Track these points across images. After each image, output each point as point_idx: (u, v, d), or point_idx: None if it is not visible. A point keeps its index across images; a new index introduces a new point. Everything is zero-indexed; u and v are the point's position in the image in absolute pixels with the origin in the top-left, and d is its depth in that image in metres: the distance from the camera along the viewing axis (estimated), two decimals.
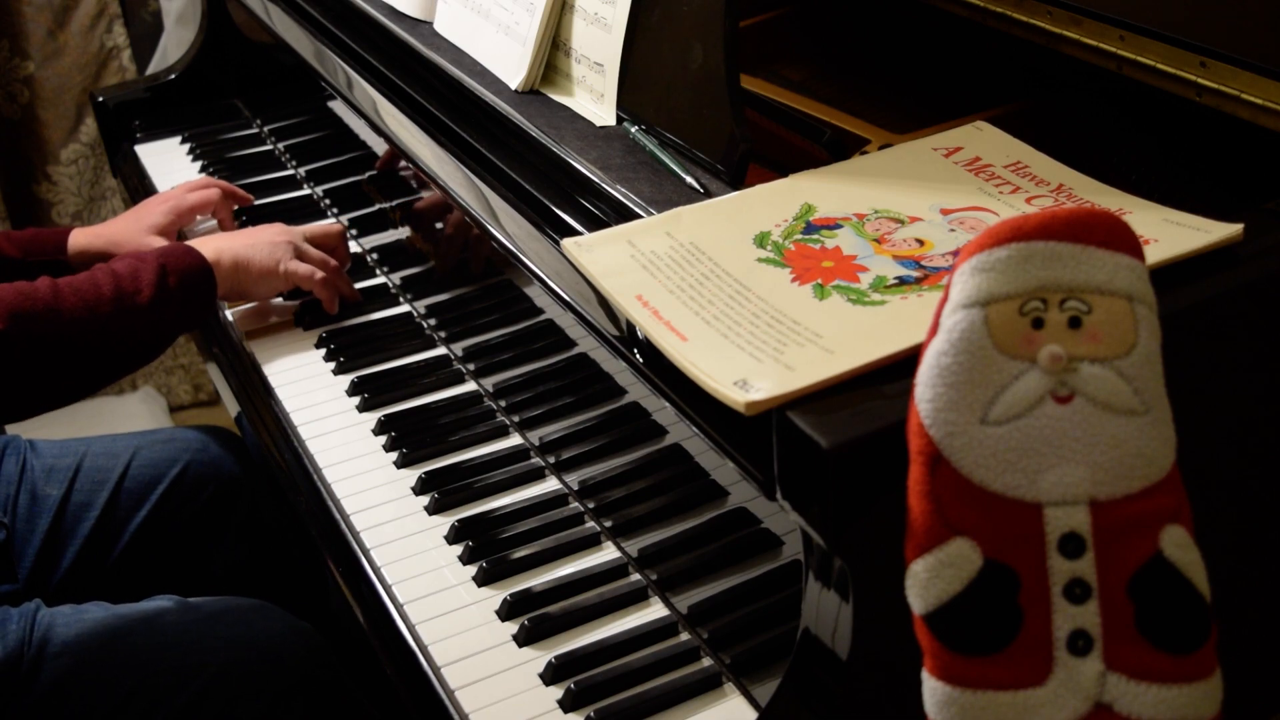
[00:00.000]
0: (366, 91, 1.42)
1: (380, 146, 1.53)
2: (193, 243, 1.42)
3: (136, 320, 1.29)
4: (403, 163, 1.46)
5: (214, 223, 1.72)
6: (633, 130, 1.13)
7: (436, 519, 1.24)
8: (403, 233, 1.54)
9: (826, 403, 0.77)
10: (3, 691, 1.22)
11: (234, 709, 1.25)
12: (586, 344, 1.16)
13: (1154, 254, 0.83)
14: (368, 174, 1.62)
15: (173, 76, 2.06)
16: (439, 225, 1.43)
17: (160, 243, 1.56)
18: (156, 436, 1.61)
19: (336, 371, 1.46)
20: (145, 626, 1.29)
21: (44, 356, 1.25)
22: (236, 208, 1.74)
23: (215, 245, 1.43)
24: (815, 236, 0.94)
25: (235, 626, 1.30)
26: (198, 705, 1.24)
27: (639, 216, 1.01)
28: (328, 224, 1.58)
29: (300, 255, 1.49)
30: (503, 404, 1.35)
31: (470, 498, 1.25)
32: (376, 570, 1.18)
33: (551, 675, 1.05)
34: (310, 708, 1.29)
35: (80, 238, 1.56)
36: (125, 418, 2.61)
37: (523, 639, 1.09)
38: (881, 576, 0.77)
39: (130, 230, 1.58)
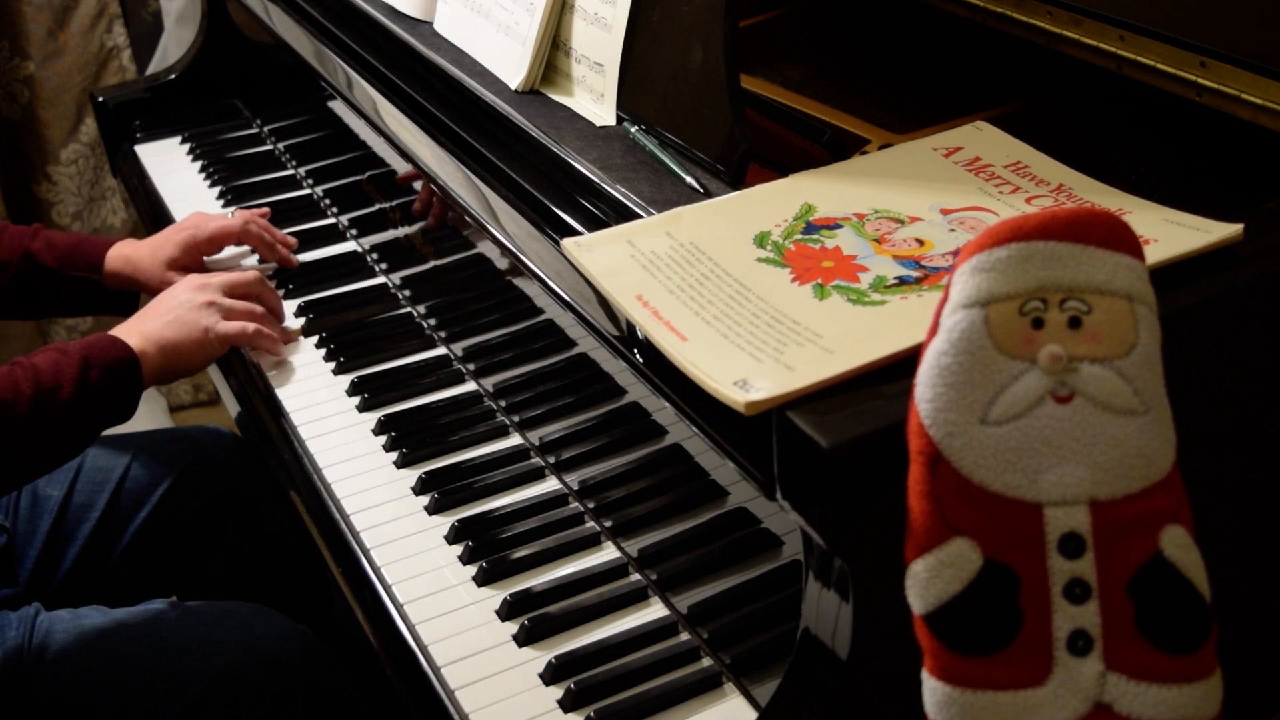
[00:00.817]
0: (366, 91, 1.42)
1: (380, 146, 1.53)
2: (119, 329, 1.35)
3: (57, 417, 1.23)
4: (406, 169, 1.46)
5: (250, 256, 1.66)
6: (633, 130, 1.13)
7: (436, 519, 1.24)
8: (402, 233, 1.54)
9: (826, 403, 0.77)
10: (2, 696, 1.22)
11: (234, 713, 1.25)
12: (586, 344, 1.16)
13: (1154, 254, 0.83)
14: (368, 174, 1.62)
15: (173, 76, 2.06)
16: (436, 224, 1.43)
17: (178, 278, 1.53)
18: (157, 437, 1.61)
19: (336, 371, 1.46)
20: (144, 631, 1.29)
21: None
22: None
23: (140, 331, 1.35)
24: (815, 236, 0.94)
25: (234, 630, 1.30)
26: (198, 709, 1.24)
27: (639, 216, 1.01)
28: (243, 273, 1.49)
29: (225, 311, 1.42)
30: (503, 404, 1.35)
31: (470, 498, 1.25)
32: (376, 570, 1.18)
33: (551, 675, 1.05)
34: (310, 710, 1.29)
35: (114, 260, 1.53)
36: None
37: (523, 639, 1.09)
38: (881, 576, 0.77)
39: (152, 261, 1.55)
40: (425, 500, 1.25)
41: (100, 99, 2.03)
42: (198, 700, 1.24)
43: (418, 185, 1.46)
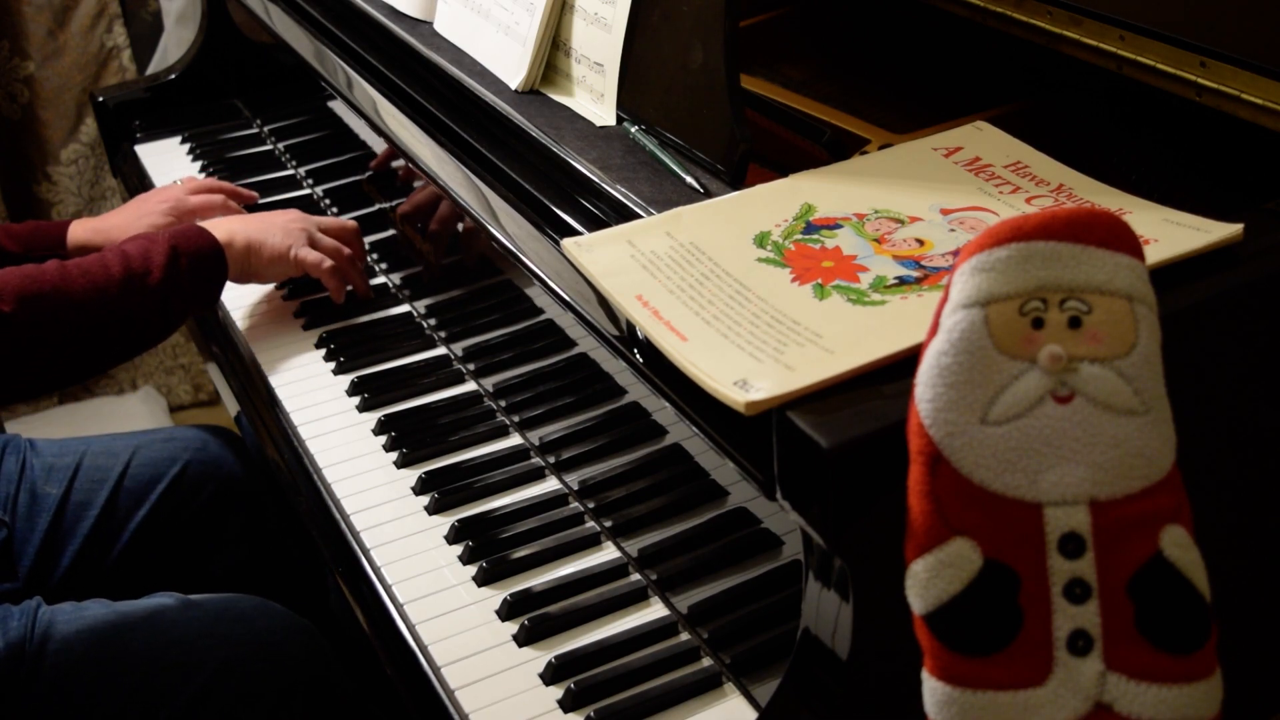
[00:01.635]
0: (366, 91, 1.42)
1: (380, 146, 1.53)
2: (205, 224, 1.42)
3: (146, 301, 1.29)
4: (398, 162, 1.46)
5: None
6: (633, 130, 1.13)
7: (436, 519, 1.24)
8: (402, 232, 1.54)
9: (826, 403, 0.77)
10: (4, 689, 1.22)
11: (235, 707, 1.25)
12: (586, 344, 1.16)
13: (1154, 254, 0.83)
14: (368, 174, 1.62)
15: (173, 76, 2.06)
16: (436, 225, 1.43)
17: None
18: (156, 436, 1.61)
19: (336, 371, 1.46)
20: (146, 624, 1.29)
21: (52, 338, 1.25)
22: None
23: (228, 227, 1.43)
24: (815, 236, 0.94)
25: (236, 624, 1.30)
26: (199, 703, 1.24)
27: (639, 216, 1.01)
28: (344, 219, 1.58)
29: (313, 243, 1.49)
30: (503, 404, 1.35)
31: (470, 498, 1.25)
32: (376, 570, 1.18)
33: (551, 675, 1.05)
34: (311, 705, 1.29)
35: (79, 231, 1.56)
36: (125, 417, 2.61)
37: (523, 639, 1.09)
38: (881, 576, 0.77)
39: (130, 227, 1.57)
40: (425, 500, 1.26)
41: (100, 99, 2.03)
42: (199, 693, 1.24)
43: (413, 182, 1.46)
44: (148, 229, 1.56)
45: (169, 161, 1.96)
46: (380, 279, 1.61)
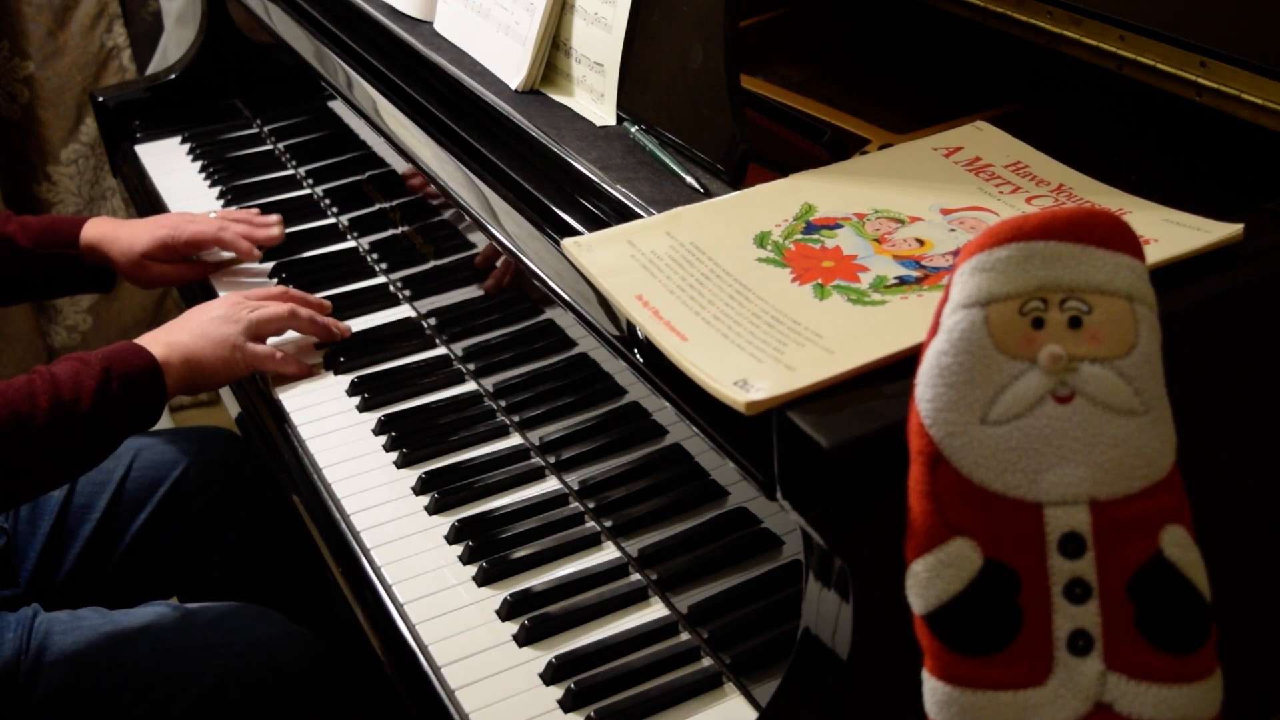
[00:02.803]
0: (366, 91, 1.42)
1: (380, 146, 1.53)
2: (145, 338, 1.33)
3: (75, 430, 1.20)
4: (417, 180, 1.46)
5: (248, 266, 1.67)
6: (633, 130, 1.13)
7: (436, 519, 1.24)
8: (402, 232, 1.54)
9: (826, 403, 0.77)
10: (1, 699, 1.22)
11: (233, 715, 1.25)
12: (586, 344, 1.16)
13: (1154, 254, 0.83)
14: (368, 174, 1.62)
15: (173, 76, 2.06)
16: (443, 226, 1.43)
17: (152, 269, 1.56)
18: (157, 438, 1.60)
19: (336, 371, 1.46)
20: (143, 633, 1.28)
21: None
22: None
23: (166, 341, 1.32)
24: (815, 236, 0.94)
25: (233, 633, 1.30)
26: (197, 713, 1.24)
27: (639, 216, 1.01)
28: (270, 290, 1.48)
29: (253, 327, 1.40)
30: (503, 404, 1.35)
31: (470, 498, 1.25)
32: (377, 570, 1.18)
33: (551, 675, 1.05)
34: (310, 713, 1.29)
35: (92, 232, 1.54)
36: None
37: (523, 639, 1.09)
38: (881, 576, 0.77)
39: (130, 247, 1.56)
40: (425, 500, 1.25)
41: (100, 99, 2.03)
42: (196, 702, 1.24)
43: (414, 181, 1.46)
44: (141, 253, 1.55)
45: (169, 161, 1.96)
46: (380, 279, 1.61)
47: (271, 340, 1.45)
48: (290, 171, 1.88)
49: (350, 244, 1.70)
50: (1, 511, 1.38)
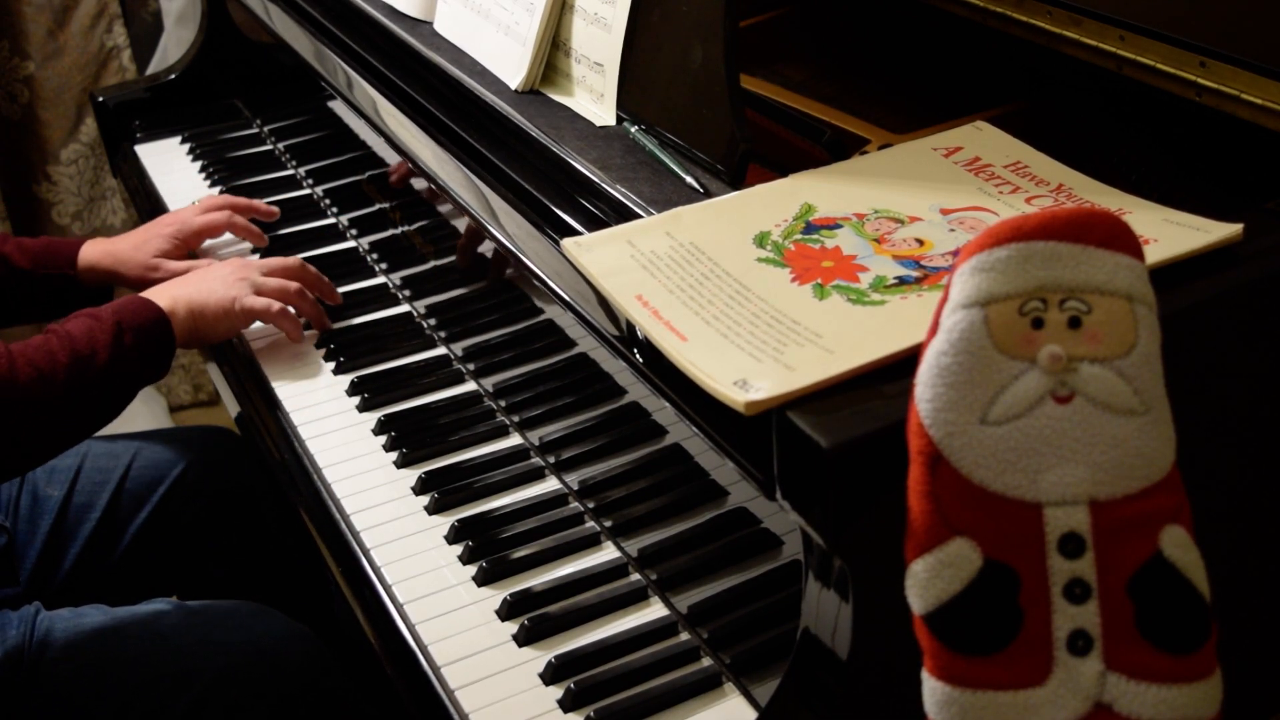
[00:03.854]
0: (366, 91, 1.42)
1: (380, 146, 1.53)
2: (148, 292, 1.38)
3: (94, 382, 1.25)
4: (414, 179, 1.46)
5: (242, 244, 1.69)
6: (633, 130, 1.13)
7: (436, 519, 1.24)
8: (402, 232, 1.54)
9: (826, 403, 0.77)
10: (2, 696, 1.22)
11: (233, 714, 1.25)
12: (586, 344, 1.16)
13: (1154, 254, 0.83)
14: (368, 174, 1.62)
15: (173, 76, 2.06)
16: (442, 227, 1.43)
17: (169, 265, 1.56)
18: (157, 437, 1.61)
19: (336, 371, 1.46)
20: (144, 631, 1.29)
21: (2, 428, 1.21)
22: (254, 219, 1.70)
23: (170, 294, 1.38)
24: (815, 236, 0.94)
25: (234, 630, 1.30)
26: (197, 710, 1.24)
27: (639, 216, 1.01)
28: (288, 259, 1.52)
29: (258, 289, 1.44)
30: (503, 404, 1.35)
31: (470, 498, 1.25)
32: (376, 570, 1.18)
33: (551, 675, 1.05)
34: (310, 711, 1.29)
35: (91, 252, 1.55)
36: (125, 418, 2.60)
37: (523, 639, 1.09)
38: (881, 576, 0.77)
39: (139, 253, 1.56)
40: (425, 500, 1.25)
41: (100, 99, 2.03)
42: (197, 700, 1.24)
43: (414, 183, 1.46)
44: (154, 254, 1.56)
45: (169, 161, 1.96)
46: (380, 279, 1.61)
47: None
48: (290, 171, 1.88)
49: (350, 244, 1.70)
50: (29, 469, 1.40)
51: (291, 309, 1.46)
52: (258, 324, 1.51)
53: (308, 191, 1.82)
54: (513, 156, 1.19)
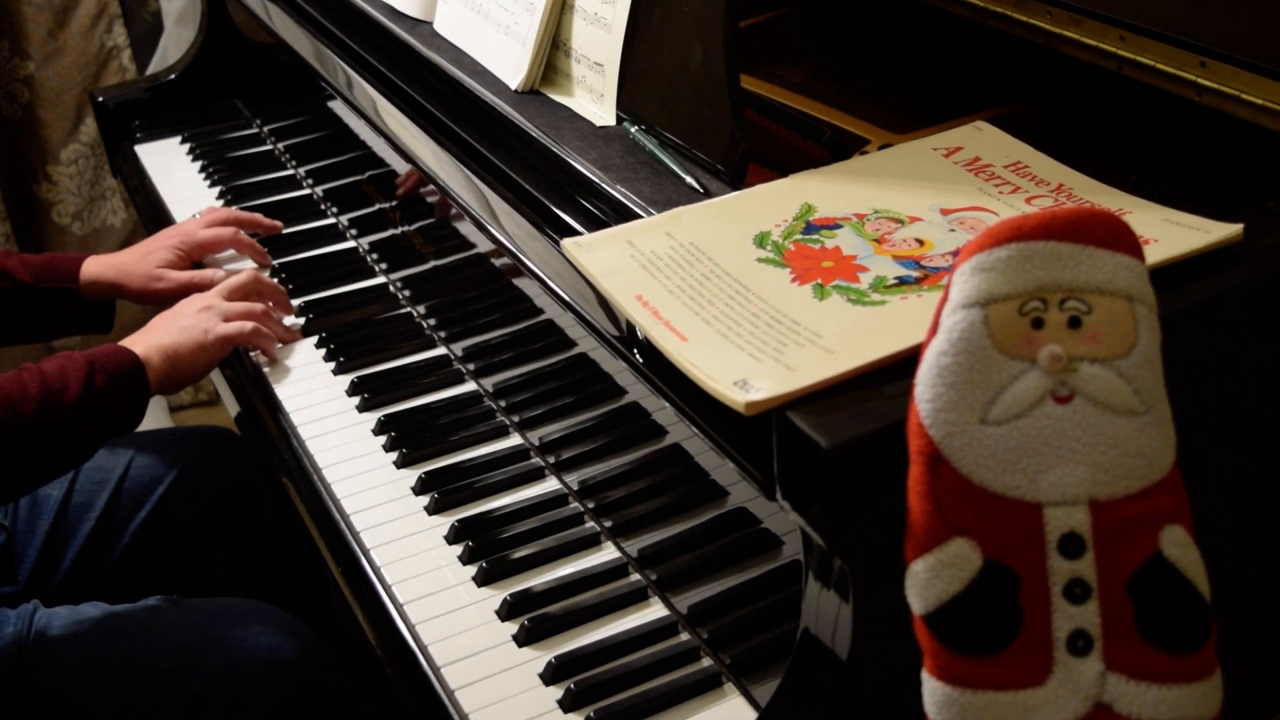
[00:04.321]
0: (366, 91, 1.42)
1: (380, 146, 1.53)
2: (123, 342, 1.36)
3: (64, 419, 1.23)
4: (427, 189, 1.46)
5: (246, 263, 1.68)
6: (633, 130, 1.13)
7: (436, 519, 1.24)
8: (402, 232, 1.54)
9: (826, 403, 0.77)
10: (1, 692, 1.22)
11: (232, 711, 1.25)
12: (586, 344, 1.16)
13: (1154, 254, 0.83)
14: (368, 174, 1.62)
15: (173, 76, 2.06)
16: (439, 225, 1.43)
17: (173, 275, 1.56)
18: (157, 437, 1.60)
19: (336, 371, 1.46)
20: (143, 628, 1.29)
21: None
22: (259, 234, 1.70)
23: (144, 341, 1.37)
24: (815, 236, 0.94)
25: (234, 628, 1.30)
26: (196, 707, 1.24)
27: (639, 216, 1.01)
28: (241, 275, 1.51)
29: (225, 314, 1.43)
30: (503, 404, 1.35)
31: (470, 498, 1.25)
32: (376, 570, 1.18)
33: (551, 675, 1.05)
34: (310, 710, 1.29)
35: (93, 266, 1.54)
36: None
37: (523, 639, 1.09)
38: (881, 576, 0.77)
39: (142, 265, 1.56)
40: (425, 500, 1.25)
41: (100, 99, 2.03)
42: (196, 698, 1.24)
43: (421, 190, 1.46)
44: (157, 265, 1.56)
45: (169, 161, 1.96)
46: (380, 279, 1.61)
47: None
48: (290, 171, 1.88)
49: (350, 244, 1.70)
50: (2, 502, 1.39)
51: (263, 329, 1.46)
52: None
53: (308, 191, 1.82)
54: (513, 156, 1.19)
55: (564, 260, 0.99)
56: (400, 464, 1.31)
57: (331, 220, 1.76)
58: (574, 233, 1.04)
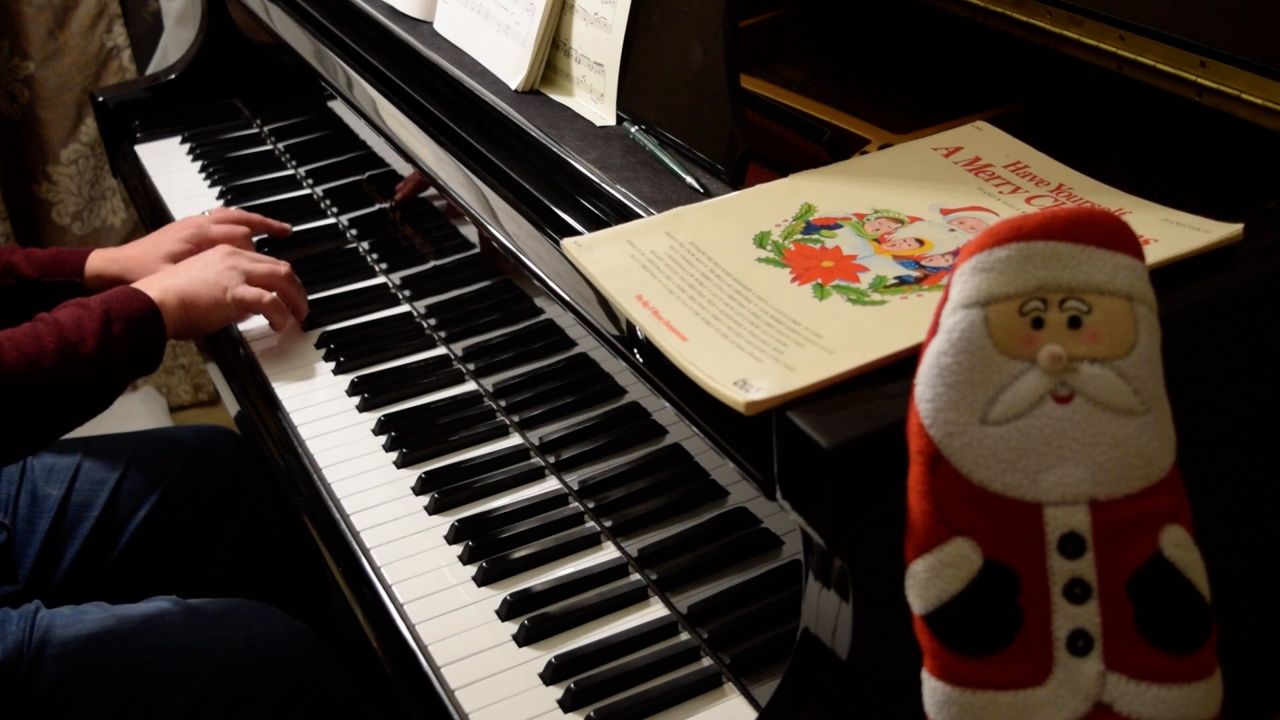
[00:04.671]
0: (366, 91, 1.42)
1: (380, 146, 1.53)
2: (140, 283, 1.37)
3: (82, 371, 1.24)
4: (428, 193, 1.46)
5: None
6: (633, 130, 1.13)
7: (436, 519, 1.24)
8: (402, 232, 1.54)
9: (826, 403, 0.77)
10: (2, 694, 1.22)
11: (233, 711, 1.25)
12: (586, 344, 1.16)
13: (1154, 254, 0.83)
14: (368, 174, 1.62)
15: (173, 76, 2.06)
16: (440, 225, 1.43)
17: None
18: (156, 436, 1.61)
19: (336, 371, 1.46)
20: (144, 628, 1.29)
21: None
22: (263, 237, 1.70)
23: (161, 285, 1.37)
24: (815, 236, 0.94)
25: (234, 628, 1.30)
26: (197, 708, 1.24)
27: (639, 216, 1.01)
28: (275, 261, 1.51)
29: (248, 275, 1.44)
30: (503, 404, 1.35)
31: (470, 498, 1.25)
32: (376, 570, 1.18)
33: (551, 675, 1.05)
34: (310, 710, 1.29)
35: (98, 260, 1.54)
36: (125, 417, 2.60)
37: (523, 639, 1.09)
38: (881, 576, 0.77)
39: (148, 259, 1.55)
40: (425, 500, 1.26)
41: (100, 99, 2.03)
42: (197, 698, 1.24)
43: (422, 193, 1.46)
44: (165, 257, 1.55)
45: (169, 161, 1.96)
46: (380, 279, 1.61)
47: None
48: (290, 171, 1.88)
49: (350, 244, 1.70)
50: (17, 459, 1.39)
51: (280, 302, 1.47)
52: (258, 323, 1.52)
53: (308, 191, 1.82)
54: (513, 156, 1.19)
55: (564, 260, 0.99)
56: (400, 464, 1.31)
57: (331, 220, 1.76)
58: (574, 233, 1.04)
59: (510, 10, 1.26)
